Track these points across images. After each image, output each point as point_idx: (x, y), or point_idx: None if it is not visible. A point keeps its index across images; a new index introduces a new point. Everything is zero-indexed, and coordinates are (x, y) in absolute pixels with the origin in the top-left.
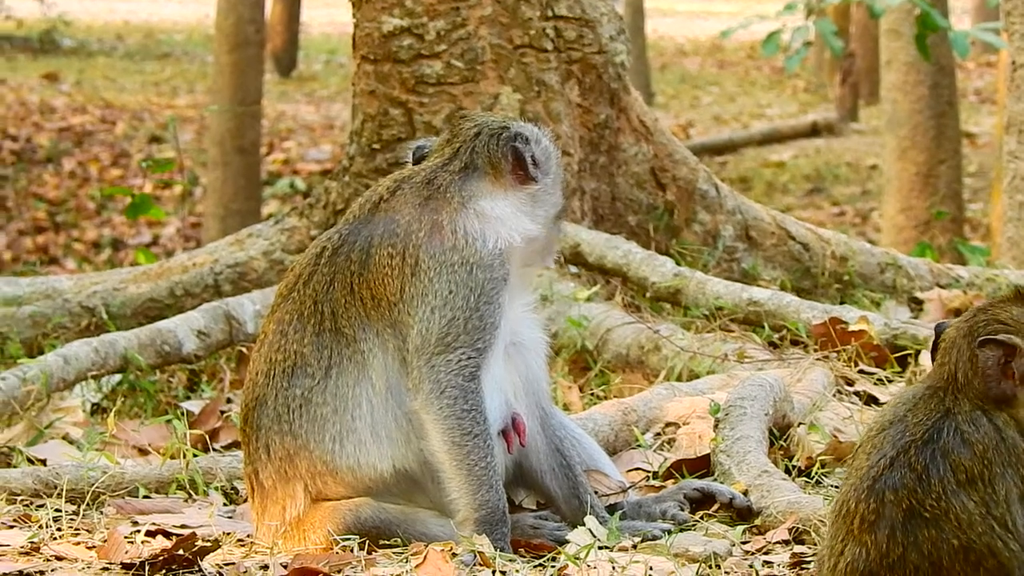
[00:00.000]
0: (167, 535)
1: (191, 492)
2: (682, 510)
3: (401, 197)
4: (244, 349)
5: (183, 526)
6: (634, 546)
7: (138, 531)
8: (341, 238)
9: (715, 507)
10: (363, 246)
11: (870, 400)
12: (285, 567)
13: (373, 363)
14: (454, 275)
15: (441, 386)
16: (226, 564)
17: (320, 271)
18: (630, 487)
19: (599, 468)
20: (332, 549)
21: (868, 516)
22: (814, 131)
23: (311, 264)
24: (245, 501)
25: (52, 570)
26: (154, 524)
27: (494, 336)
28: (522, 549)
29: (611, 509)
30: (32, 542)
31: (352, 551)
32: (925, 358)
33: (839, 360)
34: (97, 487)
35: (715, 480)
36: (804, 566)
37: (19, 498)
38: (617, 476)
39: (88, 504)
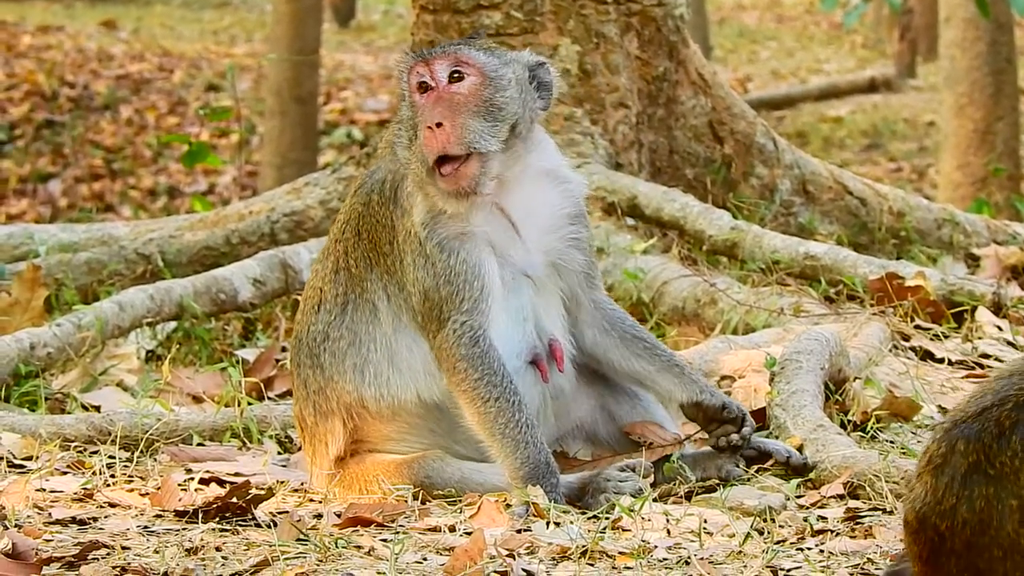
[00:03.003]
0: (220, 483)
1: (245, 440)
2: (737, 466)
3: (385, 145)
4: (300, 297)
5: (237, 474)
6: (688, 498)
7: (191, 479)
8: (361, 180)
9: (770, 463)
10: (368, 190)
11: (926, 355)
12: (339, 516)
13: (379, 304)
14: (411, 246)
15: (452, 363)
16: (280, 512)
17: (343, 210)
18: (685, 439)
19: (655, 420)
20: (386, 499)
21: (936, 458)
22: (872, 87)
23: (343, 206)
24: (299, 449)
25: (105, 516)
26: (208, 472)
27: (478, 287)
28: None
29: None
30: (85, 488)
31: (406, 501)
32: (981, 314)
33: (895, 315)
34: (151, 434)
35: (770, 434)
36: (858, 521)
37: (73, 444)
38: (673, 428)
39: (142, 451)
